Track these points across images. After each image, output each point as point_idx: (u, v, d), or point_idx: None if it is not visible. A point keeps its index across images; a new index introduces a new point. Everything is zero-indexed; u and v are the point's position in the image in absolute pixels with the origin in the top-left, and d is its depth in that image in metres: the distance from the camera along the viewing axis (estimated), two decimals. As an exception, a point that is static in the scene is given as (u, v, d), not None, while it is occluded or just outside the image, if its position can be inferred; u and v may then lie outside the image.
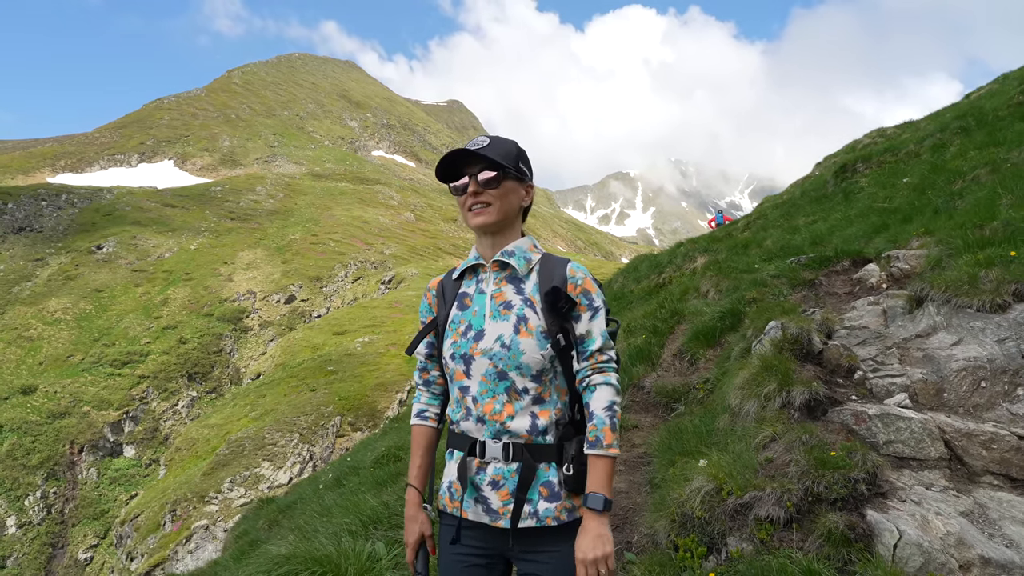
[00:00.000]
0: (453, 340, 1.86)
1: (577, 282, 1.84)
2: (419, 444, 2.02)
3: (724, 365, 5.47)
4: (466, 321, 1.87)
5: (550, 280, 1.85)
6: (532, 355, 1.78)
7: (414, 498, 1.97)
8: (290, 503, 9.84)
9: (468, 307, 1.90)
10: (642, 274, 13.30)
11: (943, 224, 6.10)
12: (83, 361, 39.34)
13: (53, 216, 55.01)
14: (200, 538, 22.37)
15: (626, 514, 4.09)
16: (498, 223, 1.85)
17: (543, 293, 1.82)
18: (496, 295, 1.87)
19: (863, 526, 2.79)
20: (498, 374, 1.79)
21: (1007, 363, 3.68)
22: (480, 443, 1.80)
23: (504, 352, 1.78)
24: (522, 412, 1.79)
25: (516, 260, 1.87)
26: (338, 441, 26.50)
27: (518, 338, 1.79)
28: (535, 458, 1.78)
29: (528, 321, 1.80)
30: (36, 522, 30.51)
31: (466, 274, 1.96)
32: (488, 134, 1.90)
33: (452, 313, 1.91)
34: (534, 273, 1.88)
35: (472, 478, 1.80)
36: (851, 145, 21.15)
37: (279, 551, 3.91)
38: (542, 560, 1.78)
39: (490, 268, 1.91)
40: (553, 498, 1.77)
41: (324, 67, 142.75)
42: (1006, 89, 13.80)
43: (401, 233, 62.89)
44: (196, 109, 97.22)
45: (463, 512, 1.82)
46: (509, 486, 1.77)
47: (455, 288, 1.95)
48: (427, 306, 2.01)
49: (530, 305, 1.83)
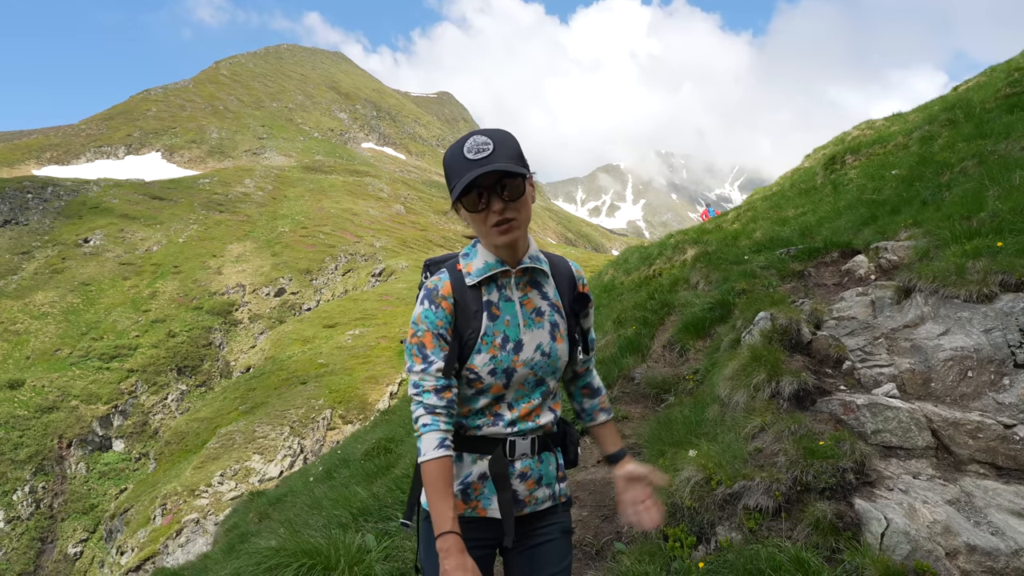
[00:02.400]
0: (492, 355, 1.75)
1: (584, 282, 1.92)
2: (446, 481, 1.69)
3: (714, 356, 5.48)
4: (500, 333, 1.77)
5: (564, 282, 1.89)
6: (564, 359, 1.85)
7: (459, 545, 1.63)
8: (280, 496, 9.82)
9: (498, 317, 1.78)
10: (632, 266, 13.31)
11: (931, 215, 6.14)
12: (71, 355, 39.04)
13: (39, 209, 54.43)
14: (191, 532, 22.30)
15: (616, 504, 4.10)
16: (523, 234, 1.77)
17: (566, 298, 1.87)
18: (525, 302, 1.81)
19: (851, 515, 2.81)
20: (536, 381, 1.82)
21: (994, 353, 3.71)
22: (511, 442, 1.81)
23: (544, 360, 1.80)
24: (547, 409, 1.87)
25: (544, 265, 1.86)
26: (329, 434, 26.44)
27: (556, 345, 1.82)
28: (554, 444, 1.91)
29: (559, 327, 1.84)
30: (25, 517, 30.32)
31: (483, 281, 1.81)
32: (480, 128, 1.79)
33: (484, 325, 1.77)
34: (550, 276, 1.89)
35: (506, 475, 1.81)
36: (840, 137, 21.23)
37: (269, 544, 3.90)
38: (545, 532, 1.88)
39: (514, 274, 1.80)
40: (563, 479, 1.92)
41: (313, 58, 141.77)
42: (993, 81, 13.87)
43: (391, 226, 62.67)
44: (183, 100, 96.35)
45: (481, 511, 1.81)
46: (534, 475, 1.84)
47: (477, 296, 1.79)
48: (446, 316, 1.77)
49: (557, 310, 1.85)
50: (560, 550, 1.87)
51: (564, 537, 1.90)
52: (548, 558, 1.86)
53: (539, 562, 1.86)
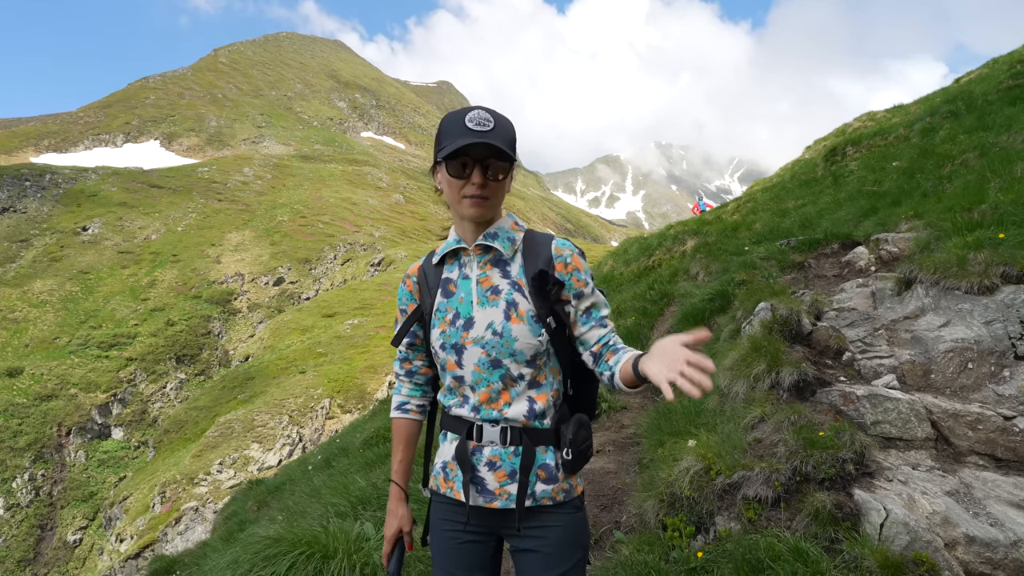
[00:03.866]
0: (442, 330, 1.79)
1: (566, 260, 1.78)
2: (401, 438, 1.98)
3: (713, 347, 5.48)
4: (453, 309, 1.79)
5: (536, 261, 1.77)
6: (526, 341, 1.72)
7: (396, 493, 1.95)
8: (279, 484, 9.84)
9: (453, 294, 1.81)
10: (632, 256, 13.29)
11: (932, 207, 6.12)
12: (70, 343, 39.04)
13: (37, 197, 54.29)
14: (190, 520, 22.38)
15: (615, 494, 4.11)
16: (491, 215, 1.78)
17: (530, 277, 1.75)
18: (482, 280, 1.79)
19: (850, 505, 2.80)
20: (491, 362, 1.74)
21: (994, 344, 3.70)
22: (477, 427, 1.76)
23: (496, 340, 1.73)
24: (519, 398, 1.75)
25: (500, 243, 1.79)
26: (327, 423, 26.50)
27: (509, 324, 1.72)
28: (533, 442, 1.75)
29: (518, 306, 1.74)
30: (24, 504, 30.41)
31: (447, 259, 1.87)
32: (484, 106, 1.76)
33: (437, 301, 1.83)
34: (519, 255, 1.81)
35: (468, 459, 1.77)
36: (841, 129, 21.18)
37: (268, 532, 3.90)
38: (538, 536, 1.75)
39: (473, 251, 1.81)
40: (551, 480, 1.76)
41: (312, 46, 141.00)
42: (995, 74, 13.82)
43: (390, 215, 62.59)
44: (182, 88, 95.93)
45: (456, 493, 1.79)
46: (506, 467, 1.74)
47: (437, 274, 1.86)
48: (407, 293, 1.92)
49: (518, 289, 1.76)
50: (544, 563, 1.74)
51: (554, 548, 1.75)
52: (531, 569, 1.77)
53: (522, 571, 1.80)
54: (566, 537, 1.76)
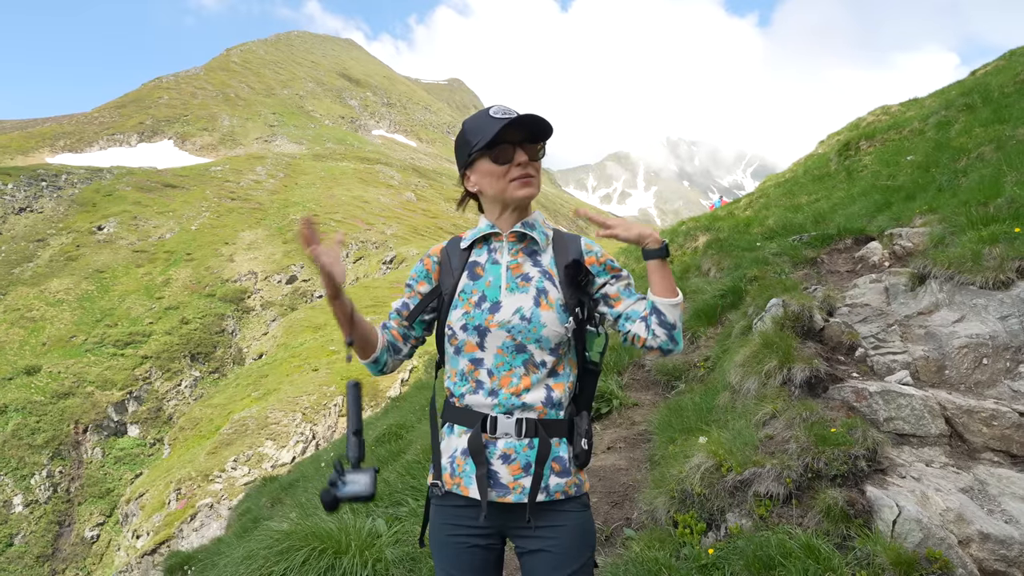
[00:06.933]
0: (465, 311, 1.79)
1: (597, 254, 1.87)
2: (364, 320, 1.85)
3: (725, 343, 5.45)
4: (479, 291, 1.80)
5: (566, 254, 1.84)
6: (553, 328, 1.75)
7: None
8: (293, 481, 9.91)
9: (480, 277, 1.83)
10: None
11: (947, 202, 6.06)
12: (86, 342, 39.43)
13: (53, 196, 54.84)
14: (204, 516, 22.58)
15: (626, 491, 4.10)
16: (537, 194, 1.84)
17: (562, 267, 1.81)
18: (512, 267, 1.82)
19: (863, 502, 2.79)
20: (516, 347, 1.75)
21: (1009, 340, 3.67)
22: (492, 418, 1.74)
23: (524, 325, 1.74)
24: (538, 385, 1.76)
25: (538, 233, 1.86)
26: (340, 420, 26.62)
27: (539, 311, 1.75)
28: (548, 434, 1.75)
29: (548, 294, 1.78)
30: (42, 501, 30.78)
31: (476, 243, 1.89)
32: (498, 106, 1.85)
33: (462, 283, 1.83)
34: (550, 247, 1.87)
35: (483, 451, 1.74)
36: (855, 123, 20.97)
37: (281, 527, 3.94)
38: (546, 535, 1.74)
39: (506, 238, 1.86)
40: (564, 474, 1.75)
41: (323, 45, 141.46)
42: (1012, 66, 13.64)
43: (402, 213, 62.69)
44: (195, 88, 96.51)
45: (464, 489, 1.75)
46: (520, 460, 1.72)
47: (463, 257, 1.88)
48: (423, 271, 1.93)
49: (549, 278, 1.80)
50: (553, 562, 1.73)
51: (563, 548, 1.74)
52: (539, 569, 1.75)
53: (530, 572, 1.78)
54: (575, 537, 1.76)
